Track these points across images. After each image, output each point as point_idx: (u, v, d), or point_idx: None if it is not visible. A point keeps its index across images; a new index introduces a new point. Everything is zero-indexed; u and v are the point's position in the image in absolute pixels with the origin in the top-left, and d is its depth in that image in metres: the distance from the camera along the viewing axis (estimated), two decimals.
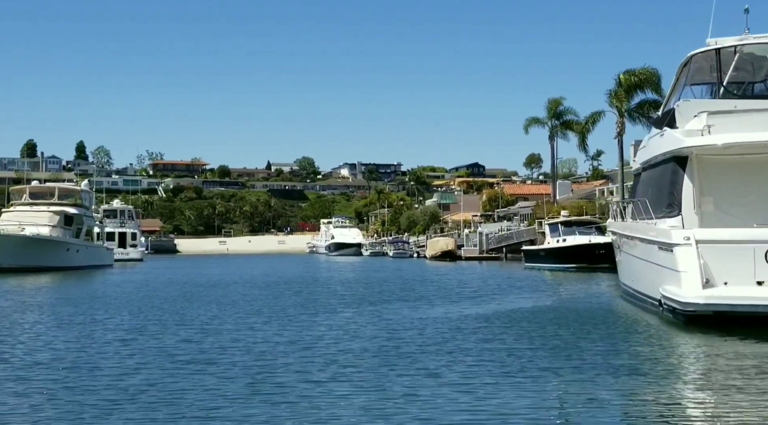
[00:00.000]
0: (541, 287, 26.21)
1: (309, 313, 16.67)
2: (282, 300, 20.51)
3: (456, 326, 13.91)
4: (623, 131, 59.21)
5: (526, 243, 68.35)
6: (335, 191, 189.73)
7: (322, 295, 22.68)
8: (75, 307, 18.72)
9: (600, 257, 38.83)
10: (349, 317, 15.82)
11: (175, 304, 19.36)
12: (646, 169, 17.74)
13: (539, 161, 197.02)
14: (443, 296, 21.41)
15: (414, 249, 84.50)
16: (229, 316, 16.08)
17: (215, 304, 19.36)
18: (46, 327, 14.36)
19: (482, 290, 24.17)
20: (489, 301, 19.67)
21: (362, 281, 31.07)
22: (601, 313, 16.00)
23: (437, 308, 17.57)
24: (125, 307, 18.64)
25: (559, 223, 42.38)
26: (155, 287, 27.92)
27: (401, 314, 16.26)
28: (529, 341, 11.81)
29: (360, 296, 22.05)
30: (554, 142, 73.47)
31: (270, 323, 14.77)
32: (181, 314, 16.51)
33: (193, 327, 14.00)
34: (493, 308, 17.55)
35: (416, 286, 26.62)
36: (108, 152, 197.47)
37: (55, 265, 42.55)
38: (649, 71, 57.09)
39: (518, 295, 21.88)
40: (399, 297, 21.30)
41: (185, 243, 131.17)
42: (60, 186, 50.00)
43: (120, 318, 15.90)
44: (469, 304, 18.75)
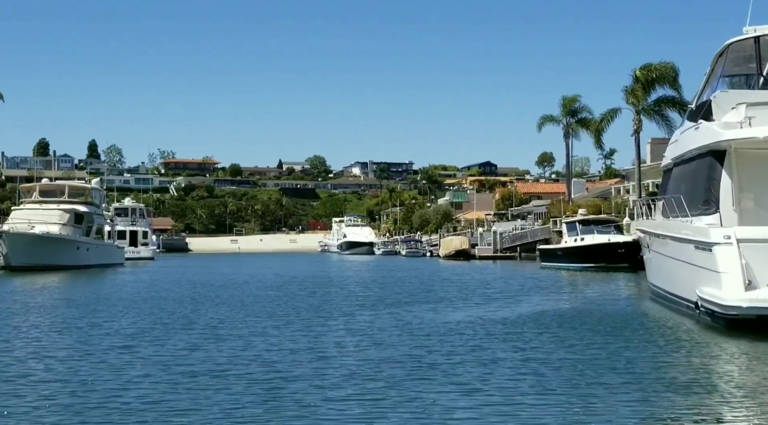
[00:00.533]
0: (566, 287, 25.27)
1: (325, 317, 15.67)
2: (296, 302, 19.61)
3: (485, 331, 13.00)
4: (640, 128, 58.09)
5: (540, 242, 67.55)
6: (347, 190, 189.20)
7: (338, 296, 21.71)
8: (78, 309, 17.85)
9: (619, 256, 37.93)
10: (368, 321, 14.84)
11: (183, 306, 18.59)
12: (678, 164, 16.82)
13: (551, 159, 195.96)
14: (465, 298, 20.50)
15: (427, 248, 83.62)
16: (239, 320, 15.24)
17: (225, 306, 18.56)
18: (43, 332, 13.58)
19: (505, 291, 23.21)
20: (514, 303, 18.74)
21: (378, 282, 30.11)
22: (635, 317, 15.10)
23: (461, 311, 16.66)
24: (130, 309, 17.75)
25: (576, 222, 41.42)
26: (164, 287, 27.08)
27: (424, 317, 15.32)
28: (567, 350, 10.89)
29: (378, 297, 21.10)
30: (569, 140, 72.58)
31: (284, 327, 13.91)
32: (188, 318, 15.78)
33: (201, 333, 13.15)
34: (519, 310, 16.67)
35: (435, 287, 25.66)
36: (120, 151, 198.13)
37: (66, 264, 42.03)
38: (667, 66, 55.95)
39: (543, 296, 20.98)
40: (420, 299, 20.37)
41: (197, 242, 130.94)
42: (70, 184, 49.47)
43: (123, 322, 14.98)
44: (493, 306, 17.84)
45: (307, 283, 29.05)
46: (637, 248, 38.80)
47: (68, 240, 43.41)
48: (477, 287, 24.91)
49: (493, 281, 28.66)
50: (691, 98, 19.93)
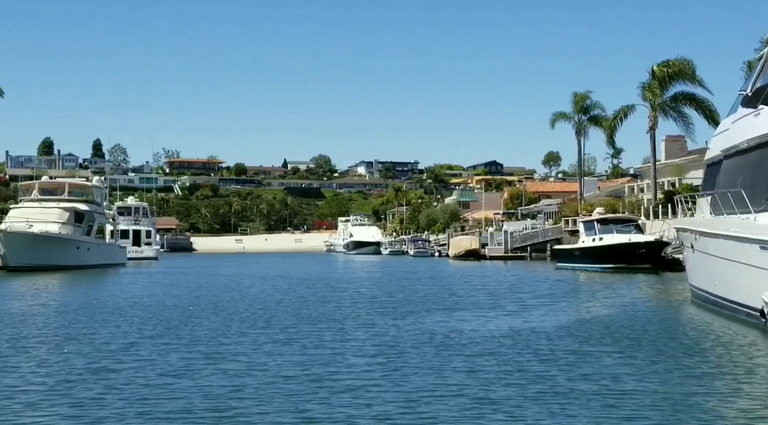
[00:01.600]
0: (596, 291, 23.33)
1: (345, 329, 13.68)
2: (308, 310, 17.46)
3: (529, 346, 11.34)
4: (656, 125, 56.56)
5: (552, 242, 66.05)
6: (352, 190, 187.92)
7: (356, 303, 19.56)
8: (58, 317, 15.69)
9: (640, 257, 36.39)
10: (395, 335, 12.85)
11: (177, 314, 16.70)
12: (730, 156, 15.20)
13: (558, 159, 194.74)
14: (495, 305, 18.56)
15: (435, 248, 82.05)
16: (241, 334, 13.04)
17: (224, 315, 16.47)
18: (5, 347, 11.60)
19: (532, 295, 21.54)
20: (547, 310, 17.13)
21: (395, 284, 28.36)
22: (691, 327, 13.49)
23: (496, 321, 14.82)
24: (115, 318, 15.80)
25: (594, 221, 39.78)
26: (162, 291, 25.30)
27: (460, 330, 13.43)
28: (636, 371, 9.08)
29: (401, 304, 19.12)
30: (581, 137, 71.00)
31: (294, 343, 11.81)
32: (181, 329, 13.81)
33: (189, 351, 11.11)
34: (558, 319, 15.04)
35: (458, 290, 23.84)
36: (124, 150, 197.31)
37: (65, 264, 40.68)
38: (685, 62, 54.45)
39: (575, 301, 19.41)
40: (448, 305, 18.52)
41: (201, 241, 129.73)
42: (70, 182, 48.09)
43: (107, 333, 13.16)
44: (526, 313, 16.23)
45: (317, 286, 27.36)
46: (658, 248, 37.34)
47: (68, 240, 42.03)
48: (503, 292, 23.09)
49: (516, 284, 26.95)
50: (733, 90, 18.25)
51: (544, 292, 22.60)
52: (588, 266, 38.63)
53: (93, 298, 21.18)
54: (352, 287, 26.81)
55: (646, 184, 64.83)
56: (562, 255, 42.82)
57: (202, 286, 27.65)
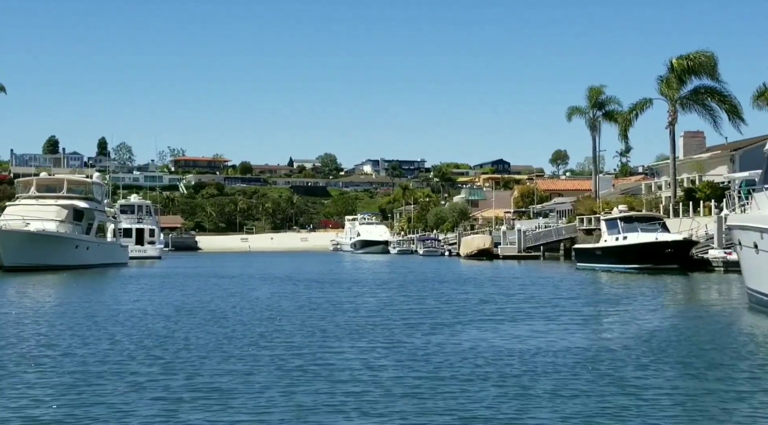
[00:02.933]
0: (641, 296, 21.11)
1: (363, 339, 11.92)
2: (321, 321, 15.05)
3: (592, 367, 9.53)
4: (675, 120, 54.63)
5: (566, 241, 64.13)
6: (358, 188, 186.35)
7: (375, 311, 17.10)
8: (30, 327, 14.14)
9: (667, 257, 34.48)
10: (431, 352, 10.91)
11: (172, 324, 14.67)
12: None
13: (565, 157, 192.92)
14: (533, 314, 16.49)
15: (445, 247, 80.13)
16: (232, 358, 10.66)
17: (228, 323, 14.66)
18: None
19: (574, 300, 19.43)
20: (602, 320, 15.12)
21: (415, 287, 26.37)
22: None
23: (541, 335, 12.87)
24: (101, 328, 13.96)
25: (618, 219, 37.81)
26: (158, 293, 23.34)
27: (502, 346, 11.44)
28: (749, 407, 7.30)
29: (426, 312, 17.05)
30: (595, 133, 69.10)
31: (310, 369, 9.66)
32: (161, 347, 11.67)
33: (177, 372, 9.37)
34: (620, 332, 13.16)
35: (488, 296, 21.46)
36: (130, 149, 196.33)
37: (64, 263, 39.05)
38: (706, 55, 52.52)
39: (618, 307, 17.46)
40: (487, 315, 16.35)
41: (206, 240, 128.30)
42: (69, 178, 46.28)
43: (78, 350, 11.28)
44: (568, 322, 14.35)
45: (328, 289, 25.35)
46: (686, 247, 35.40)
47: (66, 238, 40.32)
48: (534, 296, 21.01)
49: (546, 287, 24.96)
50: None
51: (585, 297, 20.59)
52: (611, 266, 36.75)
53: (76, 305, 18.94)
54: (369, 291, 24.60)
55: (664, 181, 62.82)
56: (582, 255, 40.86)
57: (201, 289, 25.51)
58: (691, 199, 53.27)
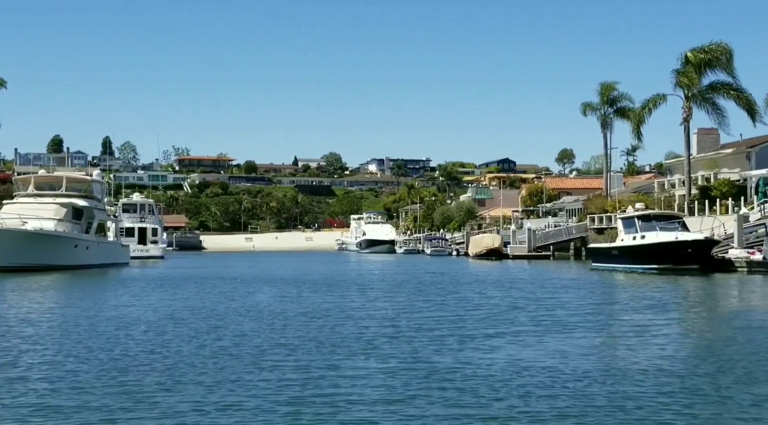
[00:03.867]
0: (683, 300, 19.63)
1: (379, 357, 10.30)
2: (329, 328, 13.60)
3: (690, 387, 8.20)
4: (690, 116, 53.28)
5: (576, 241, 62.76)
6: (363, 187, 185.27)
7: (391, 320, 15.21)
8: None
9: (688, 257, 33.11)
10: (466, 376, 9.17)
11: (154, 337, 12.64)
12: None
13: (571, 156, 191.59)
14: (568, 321, 14.87)
15: (452, 247, 78.78)
16: (239, 373, 9.20)
17: (222, 335, 12.86)
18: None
19: (603, 305, 17.81)
20: (640, 328, 13.61)
21: (428, 288, 24.59)
22: None
23: (596, 350, 11.34)
24: (70, 341, 12.11)
25: (635, 217, 36.40)
26: (152, 297, 21.40)
27: (547, 363, 9.95)
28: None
29: (450, 318, 15.40)
30: (606, 130, 67.73)
31: (314, 400, 7.76)
32: (141, 365, 9.98)
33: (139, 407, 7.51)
34: (681, 343, 11.86)
35: (517, 301, 19.51)
36: (134, 148, 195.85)
37: (62, 263, 37.86)
38: (720, 47, 51.03)
39: (668, 315, 15.83)
40: (511, 322, 14.81)
41: (211, 240, 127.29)
42: (68, 175, 45.00)
43: (33, 372, 9.47)
44: (622, 334, 12.79)
45: (337, 293, 23.48)
46: (708, 247, 33.99)
47: (65, 238, 39.10)
48: (566, 301, 19.08)
49: (574, 290, 23.32)
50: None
51: (623, 302, 18.99)
52: (628, 266, 35.40)
53: (55, 313, 16.95)
54: (381, 295, 22.61)
55: (678, 179, 61.39)
56: (597, 255, 39.47)
57: (198, 293, 23.14)
58: (707, 197, 51.89)
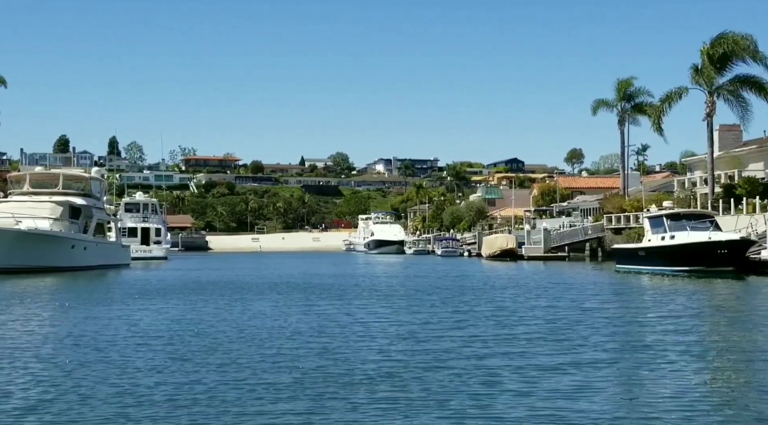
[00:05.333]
0: (748, 306, 17.63)
1: (422, 404, 7.48)
2: (343, 353, 10.68)
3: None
4: (713, 112, 51.01)
5: (592, 241, 60.67)
6: (370, 187, 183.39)
7: (425, 340, 11.99)
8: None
9: (722, 258, 30.97)
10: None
11: (115, 362, 10.25)
12: None
13: (581, 156, 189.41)
14: (650, 341, 11.95)
15: (464, 247, 76.71)
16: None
17: (206, 360, 10.29)
18: None
19: (674, 318, 15.44)
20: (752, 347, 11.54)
21: (457, 296, 21.33)
22: None
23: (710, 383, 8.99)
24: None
25: (664, 216, 34.25)
26: (133, 308, 18.03)
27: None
28: None
29: (502, 338, 12.25)
30: (624, 127, 65.54)
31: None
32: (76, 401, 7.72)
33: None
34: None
35: (557, 310, 16.91)
36: (140, 148, 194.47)
37: (58, 265, 36.09)
38: (745, 38, 48.72)
39: (733, 325, 13.94)
40: (584, 343, 11.66)
41: (217, 240, 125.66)
42: (65, 173, 43.00)
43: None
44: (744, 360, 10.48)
45: (349, 301, 20.22)
46: (743, 248, 31.85)
47: (61, 238, 37.23)
48: (630, 316, 15.98)
49: (625, 297, 20.86)
50: None
51: (697, 313, 16.89)
52: (656, 269, 33.29)
53: (14, 325, 14.43)
54: (404, 304, 19.10)
55: (699, 177, 59.15)
56: (623, 256, 37.29)
57: (188, 304, 19.31)
58: (732, 195, 49.78)
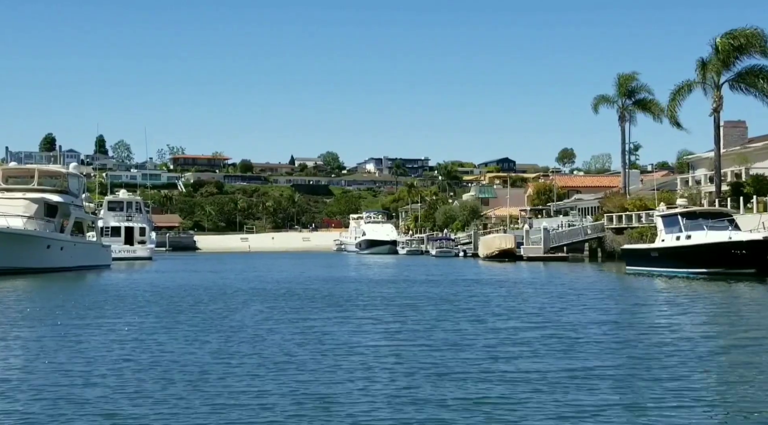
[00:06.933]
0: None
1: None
2: (347, 397, 7.86)
3: None
4: (720, 107, 49.16)
5: (592, 241, 58.82)
6: (361, 187, 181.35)
7: (462, 375, 9.10)
8: None
9: (742, 260, 28.99)
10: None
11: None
12: None
13: (572, 155, 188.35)
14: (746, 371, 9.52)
15: (459, 247, 74.65)
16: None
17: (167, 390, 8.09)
18: None
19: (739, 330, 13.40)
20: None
21: (476, 307, 17.80)
22: None
23: None
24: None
25: (679, 215, 32.22)
26: (96, 320, 15.15)
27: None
28: None
29: (568, 371, 9.32)
30: (624, 124, 63.65)
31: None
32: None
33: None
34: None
35: (611, 328, 13.72)
36: (128, 147, 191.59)
37: (33, 266, 33.81)
38: (755, 32, 46.98)
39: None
40: (673, 376, 9.05)
41: (205, 240, 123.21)
42: (41, 168, 40.54)
43: None
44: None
45: (349, 313, 16.77)
46: (766, 248, 29.94)
47: (36, 237, 34.84)
48: (695, 329, 13.66)
49: (666, 306, 18.56)
50: None
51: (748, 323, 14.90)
52: (670, 271, 31.28)
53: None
54: (413, 314, 16.13)
55: (704, 175, 57.37)
56: (633, 257, 35.21)
57: (156, 317, 15.82)
58: (739, 194, 48.02)
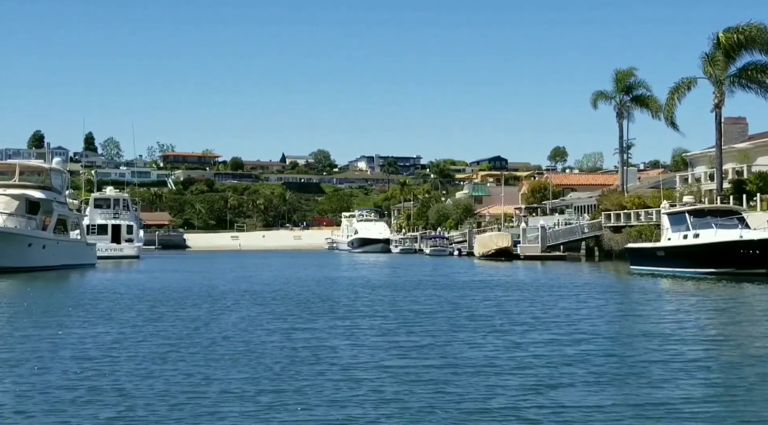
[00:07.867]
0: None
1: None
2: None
3: None
4: (722, 103, 48.17)
5: (589, 239, 57.79)
6: (353, 185, 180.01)
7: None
8: None
9: (754, 259, 27.87)
10: None
11: None
12: None
13: (564, 154, 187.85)
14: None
15: (453, 246, 73.44)
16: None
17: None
18: None
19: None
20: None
21: (497, 316, 15.73)
22: None
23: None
24: None
25: (686, 212, 31.08)
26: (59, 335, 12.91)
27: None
28: None
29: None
30: (622, 120, 62.59)
31: None
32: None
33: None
34: None
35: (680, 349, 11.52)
36: (117, 144, 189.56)
37: (14, 265, 32.43)
38: (758, 28, 46.03)
39: None
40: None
41: (195, 238, 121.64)
42: (22, 163, 39.03)
43: None
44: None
45: (350, 322, 14.66)
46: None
47: (17, 235, 33.38)
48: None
49: (697, 313, 17.09)
50: None
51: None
52: (677, 271, 30.14)
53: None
54: (429, 327, 13.84)
55: (704, 172, 56.42)
56: (640, 256, 34.00)
57: (131, 326, 14.14)
58: (742, 191, 47.13)
